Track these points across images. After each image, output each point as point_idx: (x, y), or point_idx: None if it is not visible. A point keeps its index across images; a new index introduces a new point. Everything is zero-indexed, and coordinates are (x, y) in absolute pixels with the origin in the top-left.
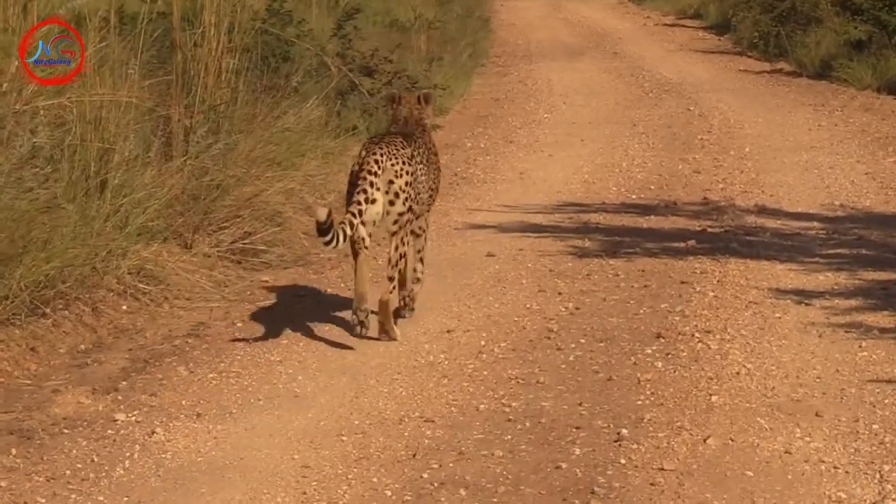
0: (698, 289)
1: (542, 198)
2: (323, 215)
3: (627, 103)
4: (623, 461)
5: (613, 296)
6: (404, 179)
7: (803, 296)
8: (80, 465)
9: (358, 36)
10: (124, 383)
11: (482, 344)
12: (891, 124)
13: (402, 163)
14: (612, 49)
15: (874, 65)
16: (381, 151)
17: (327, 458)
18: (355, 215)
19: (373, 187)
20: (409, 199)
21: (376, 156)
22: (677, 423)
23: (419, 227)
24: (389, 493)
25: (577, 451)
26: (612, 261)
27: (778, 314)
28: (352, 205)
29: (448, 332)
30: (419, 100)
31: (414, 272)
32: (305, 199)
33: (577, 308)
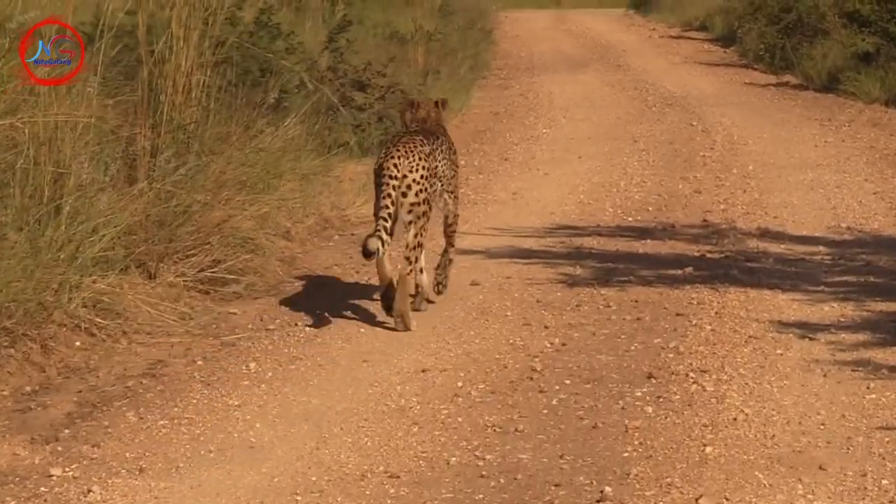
0: (694, 322)
1: (535, 220)
2: (374, 246)
3: (629, 118)
4: None
5: (603, 329)
6: (419, 173)
7: (807, 329)
8: None
9: (350, 49)
10: (67, 431)
11: (459, 385)
12: None
13: (418, 158)
14: (616, 61)
15: (882, 78)
16: (399, 153)
17: None
18: (386, 219)
19: (393, 189)
20: (423, 191)
21: (395, 159)
22: (667, 480)
23: (453, 215)
24: None
25: None
26: (603, 290)
27: (779, 350)
28: (380, 210)
29: (423, 371)
30: (436, 104)
31: (446, 254)
32: (281, 223)
33: (564, 344)
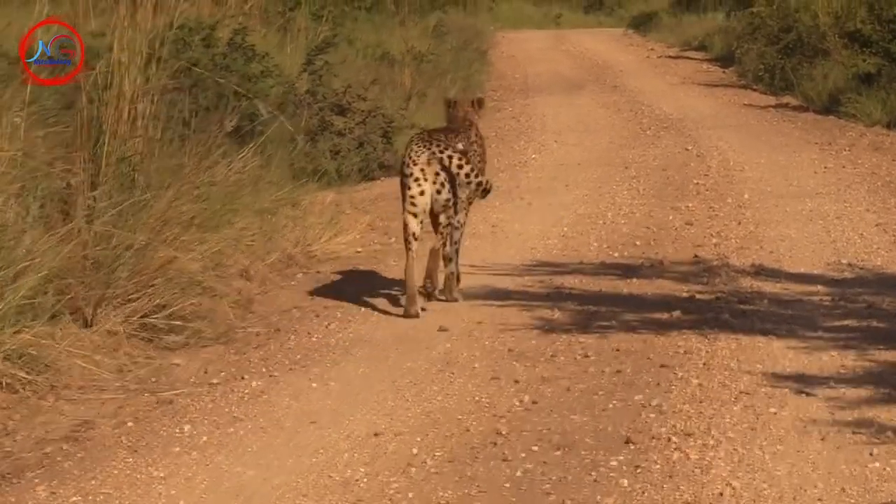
0: (680, 374)
1: (514, 256)
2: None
3: (622, 141)
4: None
5: (580, 384)
6: (445, 174)
7: (804, 383)
8: None
9: (329, 71)
10: None
11: (413, 453)
12: None
13: (450, 154)
14: (613, 82)
15: (884, 99)
16: (428, 150)
17: None
18: (415, 214)
19: (420, 181)
20: (451, 188)
21: (422, 156)
22: None
23: (458, 221)
24: None
25: None
26: (582, 337)
27: (773, 408)
28: (407, 204)
29: (375, 435)
30: (473, 103)
31: (448, 263)
32: (239, 261)
33: (535, 402)
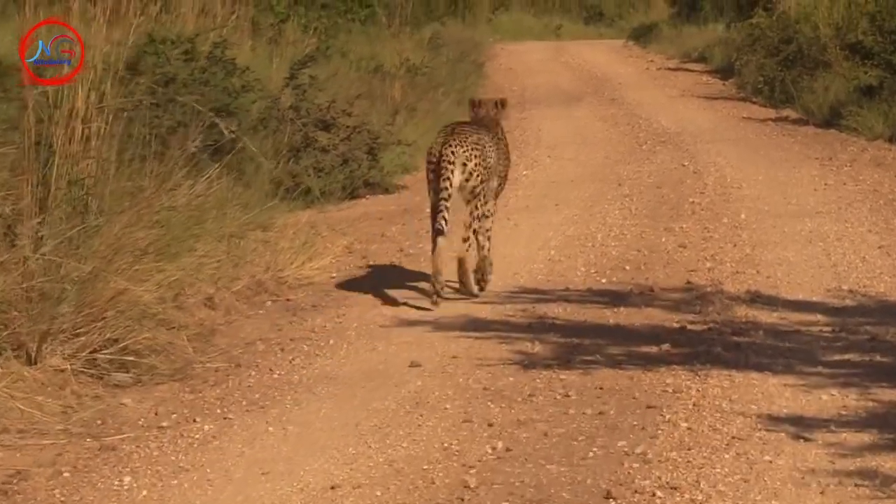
0: (668, 417)
1: (496, 282)
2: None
3: (618, 156)
4: None
5: (558, 428)
6: (475, 161)
7: (802, 426)
8: None
9: (314, 86)
10: None
11: None
12: None
13: (472, 147)
14: (611, 95)
15: (886, 112)
16: (456, 141)
17: None
18: (446, 201)
19: (450, 171)
20: (480, 176)
21: (452, 147)
22: None
23: (488, 210)
24: None
25: None
26: (564, 374)
27: (768, 457)
28: (440, 193)
29: (332, 488)
30: (496, 104)
31: (481, 249)
32: (203, 289)
33: (508, 449)
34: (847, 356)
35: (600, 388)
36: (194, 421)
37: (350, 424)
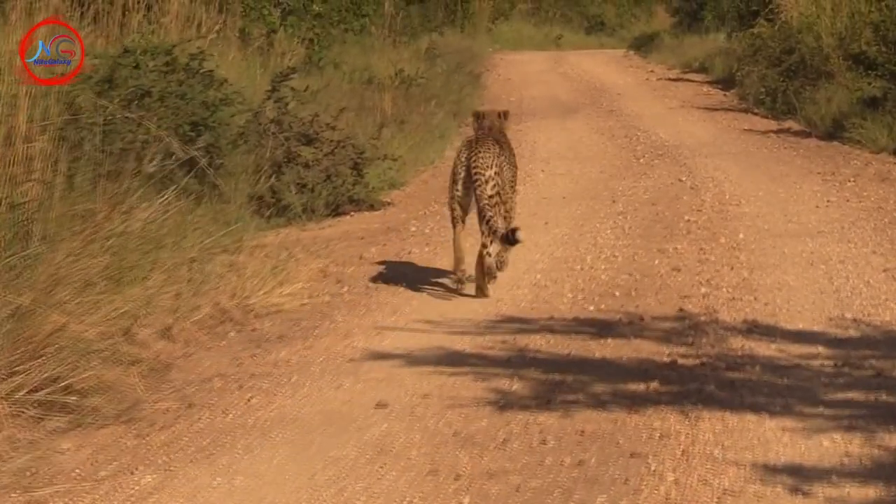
0: (654, 467)
1: (477, 309)
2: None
3: (613, 171)
4: None
5: (532, 481)
6: (493, 170)
7: (801, 477)
8: None
9: (297, 98)
10: None
11: None
12: None
13: (493, 157)
14: (610, 106)
15: (890, 125)
16: (480, 152)
17: None
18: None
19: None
20: (496, 185)
21: (480, 154)
22: None
23: (506, 211)
24: None
25: None
26: (542, 416)
27: None
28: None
29: None
30: (499, 115)
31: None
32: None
33: None
34: (850, 395)
35: (581, 433)
36: (134, 471)
37: (304, 476)
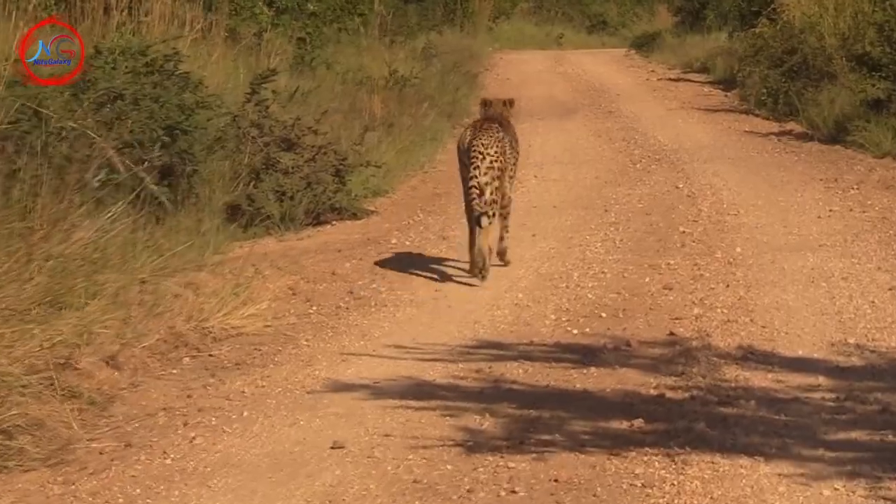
0: None
1: (453, 332)
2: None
3: (608, 177)
4: None
5: None
6: (495, 148)
7: None
8: None
9: (277, 101)
10: None
11: None
12: None
13: (497, 142)
14: (608, 107)
15: (894, 127)
16: (485, 137)
17: None
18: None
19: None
20: (498, 162)
21: (483, 139)
22: None
23: (507, 197)
24: None
25: None
26: (513, 460)
27: None
28: (471, 180)
29: None
30: (504, 103)
31: (502, 241)
32: (105, 346)
33: None
34: (853, 434)
35: (555, 482)
36: None
37: None
